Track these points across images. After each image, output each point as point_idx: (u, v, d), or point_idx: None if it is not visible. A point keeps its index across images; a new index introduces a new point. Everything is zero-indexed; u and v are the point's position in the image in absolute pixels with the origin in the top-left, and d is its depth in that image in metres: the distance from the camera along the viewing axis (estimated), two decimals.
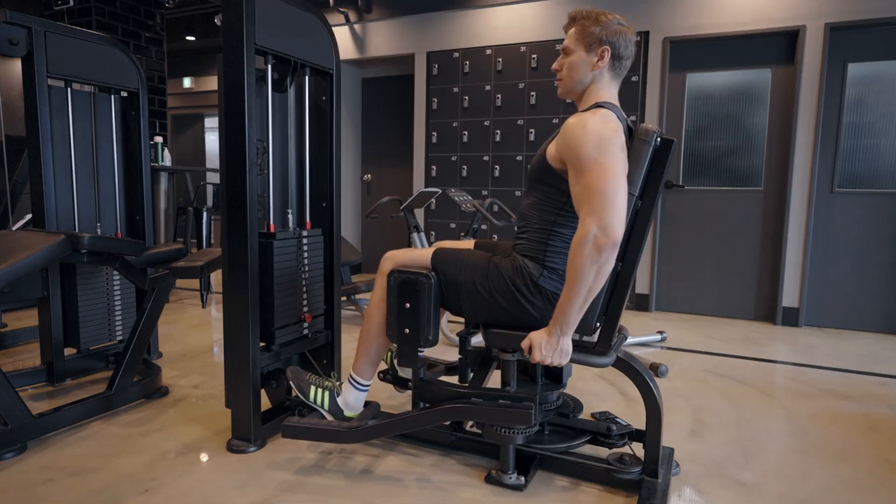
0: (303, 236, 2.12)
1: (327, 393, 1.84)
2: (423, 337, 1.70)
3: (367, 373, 1.84)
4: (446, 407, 1.70)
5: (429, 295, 1.67)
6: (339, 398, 1.84)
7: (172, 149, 8.78)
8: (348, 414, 1.84)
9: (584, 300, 1.44)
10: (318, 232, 2.21)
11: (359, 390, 1.84)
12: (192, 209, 3.88)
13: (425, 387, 1.80)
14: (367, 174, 5.81)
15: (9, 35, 2.25)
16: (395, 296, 1.71)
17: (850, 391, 2.67)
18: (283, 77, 2.13)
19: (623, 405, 2.44)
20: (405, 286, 1.69)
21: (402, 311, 1.71)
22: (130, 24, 5.66)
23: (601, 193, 1.40)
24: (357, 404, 1.85)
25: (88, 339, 2.55)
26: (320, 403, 1.83)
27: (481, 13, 4.71)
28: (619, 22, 1.59)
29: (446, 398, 1.74)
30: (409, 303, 1.69)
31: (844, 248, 3.88)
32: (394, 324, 1.73)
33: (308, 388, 1.84)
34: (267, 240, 1.97)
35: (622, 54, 1.59)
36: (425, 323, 1.70)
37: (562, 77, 1.66)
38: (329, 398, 1.83)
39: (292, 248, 2.07)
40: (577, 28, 1.62)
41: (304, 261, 2.13)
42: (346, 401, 1.84)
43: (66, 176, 2.52)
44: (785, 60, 3.94)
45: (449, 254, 1.73)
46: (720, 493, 1.73)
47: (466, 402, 1.69)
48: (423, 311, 1.69)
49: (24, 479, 1.74)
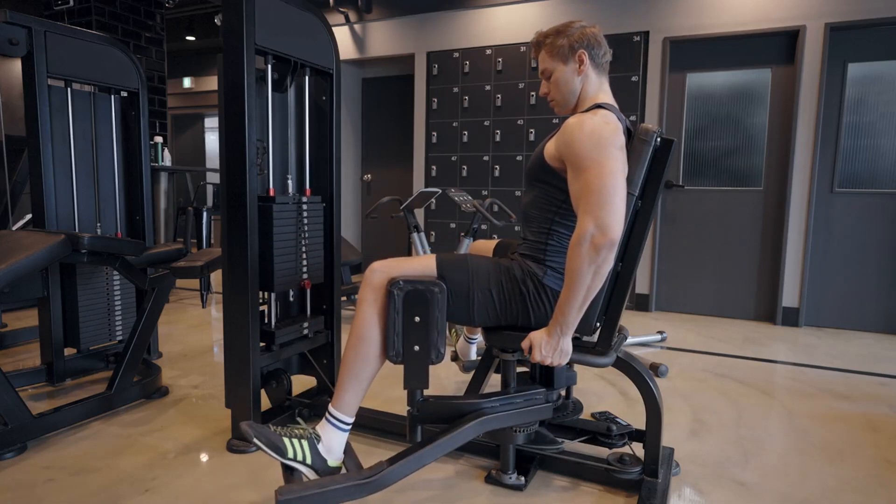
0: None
1: (306, 443, 1.51)
2: (435, 352, 1.53)
3: (352, 407, 1.56)
4: (477, 421, 1.52)
5: (441, 306, 1.52)
6: (319, 446, 1.52)
7: (172, 149, 8.78)
8: (332, 463, 1.53)
9: (582, 300, 1.44)
10: (319, 231, 2.21)
11: (342, 431, 1.55)
12: (192, 209, 3.88)
13: (430, 406, 1.58)
14: (367, 174, 5.81)
15: (9, 35, 2.25)
16: (401, 309, 1.51)
17: (850, 391, 2.67)
18: (283, 77, 2.13)
19: (623, 405, 2.44)
20: (413, 297, 1.50)
21: (410, 327, 1.51)
22: (130, 24, 5.66)
23: (599, 192, 1.40)
24: (339, 449, 1.55)
25: (88, 339, 2.55)
26: (302, 459, 1.50)
27: (481, 13, 4.71)
28: (580, 25, 1.64)
29: (459, 414, 1.56)
30: (419, 316, 1.51)
31: (844, 248, 3.88)
32: (398, 342, 1.52)
33: (282, 444, 1.49)
34: (267, 203, 1.97)
35: (597, 51, 1.63)
36: (436, 336, 1.53)
37: (553, 97, 1.68)
38: (310, 449, 1.51)
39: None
40: (545, 49, 1.66)
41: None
42: (330, 446, 1.54)
43: (66, 176, 2.52)
44: (785, 60, 3.94)
45: (455, 261, 1.62)
46: (720, 493, 1.73)
47: (491, 411, 1.55)
48: (433, 324, 1.52)
49: (24, 479, 1.74)
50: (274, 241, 1.96)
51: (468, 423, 1.52)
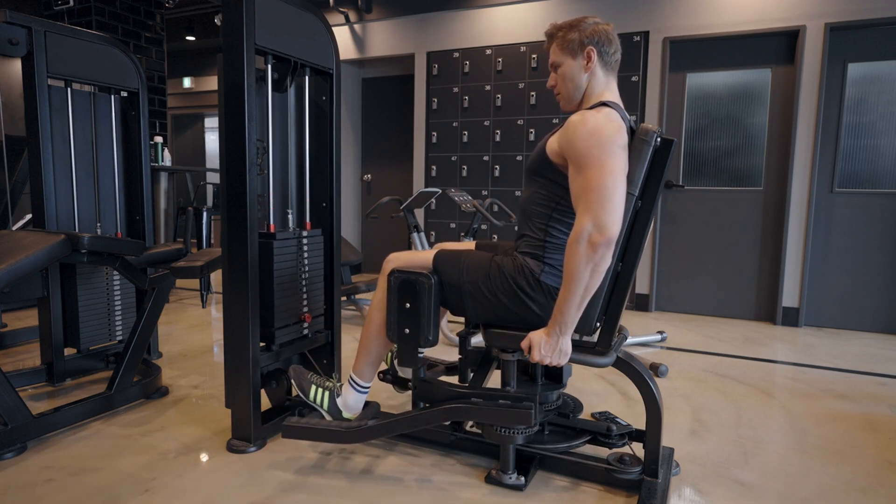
0: (303, 236, 2.12)
1: (327, 393, 1.84)
2: (423, 337, 1.71)
3: (367, 374, 1.84)
4: (447, 407, 1.70)
5: (429, 295, 1.68)
6: (338, 399, 1.84)
7: (172, 149, 8.79)
8: (346, 415, 1.84)
9: (581, 299, 1.44)
10: (318, 232, 2.21)
11: (359, 392, 1.84)
12: (192, 209, 3.88)
13: (425, 387, 1.80)
14: (367, 174, 5.81)
15: (9, 35, 2.25)
16: (395, 296, 1.72)
17: (850, 391, 2.67)
18: (283, 77, 2.13)
19: (623, 405, 2.44)
20: (405, 286, 1.70)
21: (402, 311, 1.72)
22: (130, 24, 5.66)
23: (598, 191, 1.41)
24: (356, 405, 1.85)
25: (88, 339, 2.55)
26: (319, 403, 1.83)
27: (481, 13, 4.71)
28: (594, 21, 1.64)
29: (447, 398, 1.75)
30: (409, 303, 1.70)
31: (844, 248, 3.88)
32: (394, 324, 1.73)
33: (309, 388, 1.84)
34: (267, 240, 1.97)
35: (607, 49, 1.63)
36: (425, 323, 1.70)
37: (559, 90, 1.69)
38: (329, 398, 1.83)
39: (292, 249, 2.07)
40: (557, 42, 1.66)
41: (305, 261, 2.13)
42: (346, 402, 1.84)
43: (66, 176, 2.52)
44: (785, 60, 3.94)
45: (450, 255, 1.73)
46: (720, 493, 1.73)
47: (467, 402, 1.69)
48: (423, 311, 1.69)
49: (24, 479, 1.74)
50: (275, 278, 1.99)
51: (442, 407, 1.71)
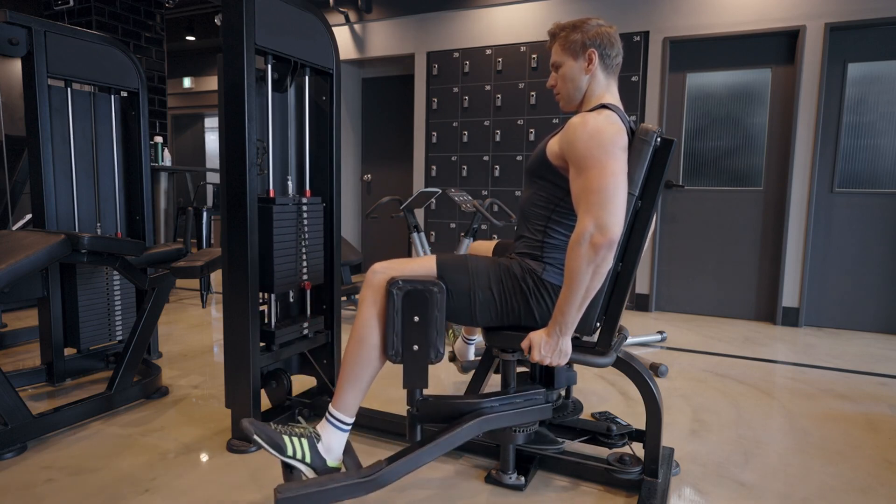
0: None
1: (305, 441, 1.51)
2: (434, 351, 1.54)
3: (353, 407, 1.56)
4: (476, 421, 1.53)
5: (440, 306, 1.53)
6: (319, 445, 1.53)
7: (172, 149, 8.78)
8: (331, 463, 1.53)
9: (581, 300, 1.44)
10: (319, 232, 2.21)
11: (342, 431, 1.55)
12: (192, 209, 3.88)
13: (430, 406, 1.58)
14: (367, 174, 5.81)
15: (9, 35, 2.25)
16: (401, 309, 1.51)
17: (850, 391, 2.67)
18: (283, 77, 2.13)
19: (623, 405, 2.44)
20: (413, 298, 1.51)
21: (410, 326, 1.51)
22: (130, 24, 5.66)
23: (599, 192, 1.40)
24: (339, 449, 1.55)
25: (88, 339, 2.55)
26: (301, 457, 1.50)
27: (481, 13, 4.71)
28: (597, 23, 1.63)
29: (459, 413, 1.56)
30: (419, 316, 1.52)
31: (844, 248, 3.88)
32: (397, 341, 1.52)
33: (282, 442, 1.49)
34: (267, 205, 1.97)
35: (609, 52, 1.63)
36: (435, 336, 1.53)
37: (559, 90, 1.69)
38: (310, 448, 1.51)
39: (292, 221, 2.06)
40: (559, 42, 1.66)
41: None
42: (329, 446, 1.54)
43: (66, 176, 2.52)
44: (785, 60, 3.94)
45: (455, 261, 1.61)
46: (720, 493, 1.73)
47: (491, 411, 1.55)
48: (433, 323, 1.52)
49: (24, 479, 1.74)
50: (274, 243, 1.96)
51: (467, 422, 1.52)
